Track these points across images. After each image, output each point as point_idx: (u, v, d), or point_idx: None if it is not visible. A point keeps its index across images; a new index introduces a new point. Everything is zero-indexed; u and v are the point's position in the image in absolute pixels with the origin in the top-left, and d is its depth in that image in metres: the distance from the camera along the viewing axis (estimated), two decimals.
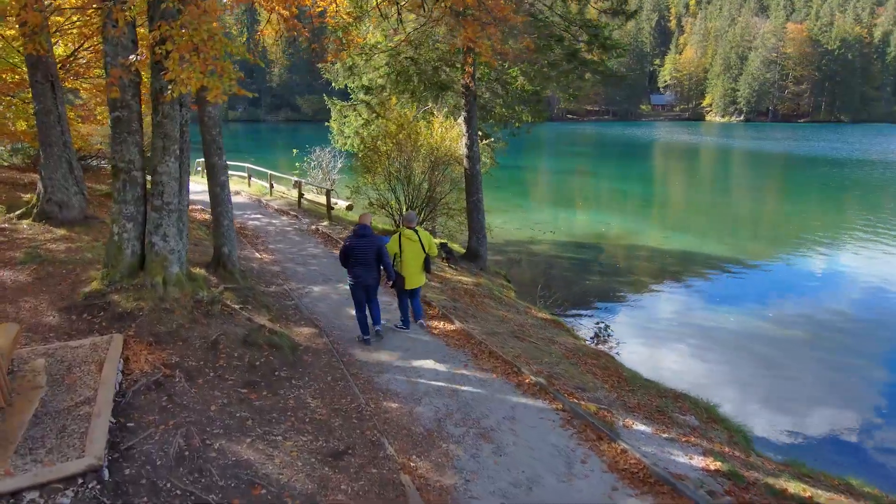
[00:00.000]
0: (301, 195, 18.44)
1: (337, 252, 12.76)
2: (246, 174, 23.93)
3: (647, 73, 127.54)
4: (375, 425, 5.78)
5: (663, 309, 13.33)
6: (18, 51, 11.91)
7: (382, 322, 8.18)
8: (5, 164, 17.44)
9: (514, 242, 18.92)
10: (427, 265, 8.19)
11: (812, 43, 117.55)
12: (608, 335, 11.35)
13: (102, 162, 19.66)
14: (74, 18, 12.25)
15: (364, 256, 7.50)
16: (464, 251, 14.21)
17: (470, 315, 9.47)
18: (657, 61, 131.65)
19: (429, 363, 7.30)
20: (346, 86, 17.65)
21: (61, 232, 9.61)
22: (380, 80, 12.63)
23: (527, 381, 6.80)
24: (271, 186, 21.21)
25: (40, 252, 8.48)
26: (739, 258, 17.56)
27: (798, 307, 13.34)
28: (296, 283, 10.50)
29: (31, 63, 9.53)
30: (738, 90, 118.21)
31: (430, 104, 15.47)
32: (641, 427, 6.25)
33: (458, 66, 11.61)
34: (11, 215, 10.03)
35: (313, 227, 15.43)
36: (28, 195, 12.37)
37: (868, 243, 19.37)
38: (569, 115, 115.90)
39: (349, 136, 17.66)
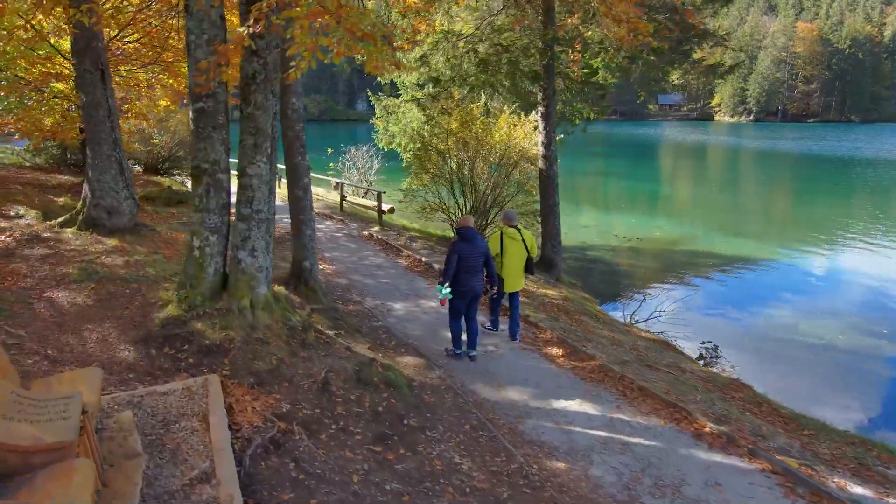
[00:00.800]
0: (343, 197, 17.24)
1: (402, 261, 11.60)
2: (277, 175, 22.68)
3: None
4: (553, 497, 4.56)
5: (758, 323, 12.12)
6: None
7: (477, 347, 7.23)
8: (27, 164, 16.20)
9: (569, 248, 17.70)
10: (529, 267, 7.59)
11: (822, 42, 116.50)
12: (717, 356, 10.13)
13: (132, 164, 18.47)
14: None
15: (473, 262, 6.71)
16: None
17: (582, 338, 8.26)
18: None
19: (573, 404, 6.08)
20: (391, 81, 16.43)
21: (112, 242, 8.38)
22: (450, 72, 11.39)
23: (706, 429, 5.58)
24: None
25: (96, 267, 7.26)
26: (820, 265, 16.37)
27: None
28: (372, 299, 9.28)
29: (78, 49, 8.31)
30: (748, 90, 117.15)
31: (494, 99, 14.26)
32: (859, 489, 5.05)
33: (554, 54, 10.35)
34: (53, 222, 8.81)
35: (365, 232, 14.21)
36: (62, 199, 11.16)
37: None
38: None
39: (395, 135, 16.43)
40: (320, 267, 10.86)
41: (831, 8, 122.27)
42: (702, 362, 9.78)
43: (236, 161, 6.25)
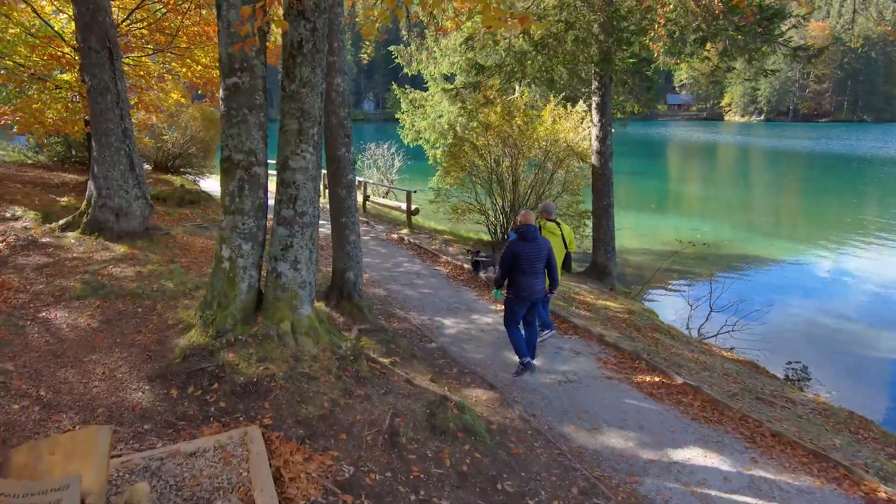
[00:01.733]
0: (367, 197, 16.06)
1: (440, 268, 10.42)
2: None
3: (662, 73, 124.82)
4: None
5: (832, 334, 10.89)
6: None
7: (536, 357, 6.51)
8: (30, 161, 15.09)
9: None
10: (567, 263, 7.24)
11: (834, 41, 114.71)
12: (807, 377, 8.91)
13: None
14: None
15: (534, 264, 5.95)
16: (582, 268, 11.78)
17: (668, 361, 7.04)
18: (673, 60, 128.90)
19: (696, 455, 4.86)
20: (418, 72, 15.25)
21: (121, 249, 7.22)
22: (502, 56, 10.15)
23: (879, 493, 4.36)
24: (325, 187, 18.80)
25: (102, 280, 6.10)
26: (876, 270, 15.11)
27: None
28: (417, 314, 8.09)
29: (83, 24, 7.15)
30: (759, 89, 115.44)
31: (532, 90, 13.07)
32: None
33: (618, 35, 9.11)
34: (53, 225, 7.66)
35: (394, 235, 13.03)
36: (65, 198, 10.03)
37: None
38: None
39: (421, 131, 15.26)
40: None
41: (843, 7, 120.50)
42: (797, 387, 8.56)
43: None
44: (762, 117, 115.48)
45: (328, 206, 7.05)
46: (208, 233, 9.87)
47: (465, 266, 10.31)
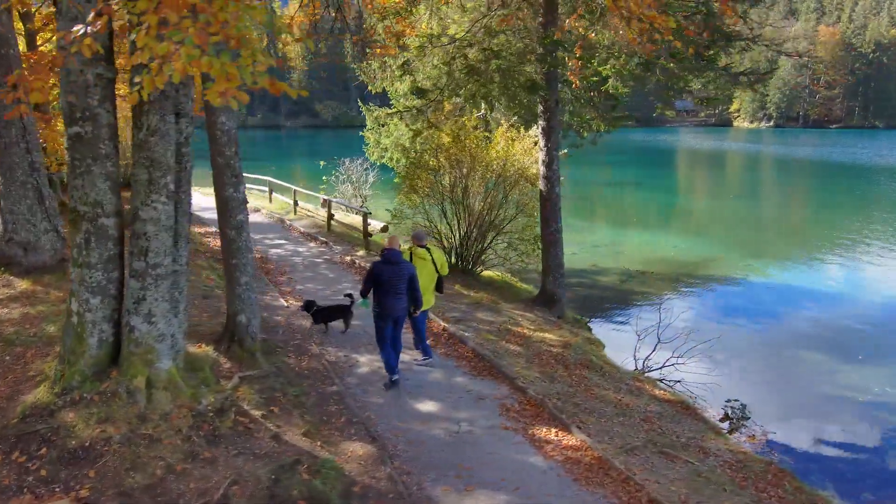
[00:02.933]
0: (331, 216, 15.91)
1: None
2: (267, 188, 21.48)
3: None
4: None
5: (791, 370, 10.52)
6: None
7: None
8: None
9: (577, 272, 16.18)
10: (440, 286, 7.65)
11: (845, 46, 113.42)
12: (744, 416, 8.57)
13: None
14: None
15: (396, 285, 6.54)
16: (535, 293, 11.51)
17: (581, 406, 6.76)
18: None
19: None
20: (384, 90, 15.09)
21: (23, 285, 7.10)
22: (437, 81, 9.98)
23: None
24: (295, 204, 18.70)
25: None
26: (865, 295, 14.68)
27: None
28: (336, 349, 7.88)
29: None
30: (768, 95, 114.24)
31: (486, 111, 12.85)
32: None
33: (557, 60, 8.88)
34: None
35: (348, 258, 12.84)
36: None
37: None
38: None
39: (387, 149, 15.08)
40: (286, 304, 9.52)
41: (854, 11, 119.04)
42: (726, 424, 8.24)
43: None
44: (771, 123, 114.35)
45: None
46: None
47: None
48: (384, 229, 15.18)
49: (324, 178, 19.78)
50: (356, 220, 17.46)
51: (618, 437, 6.09)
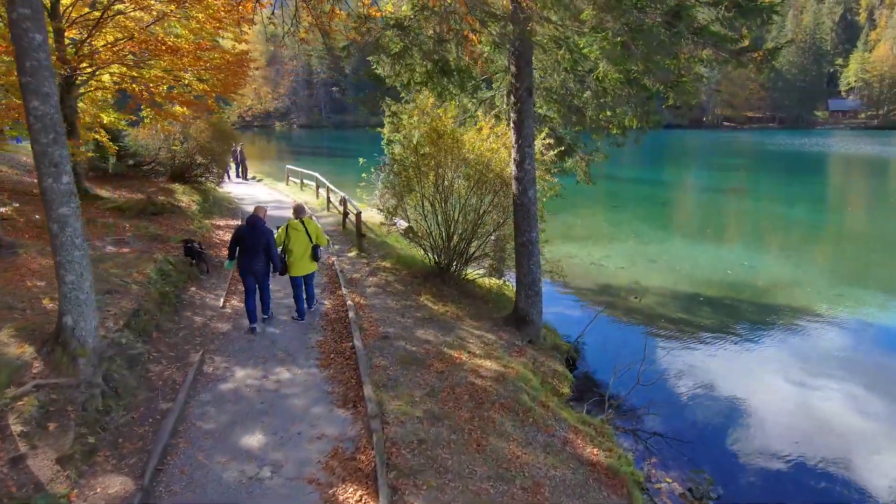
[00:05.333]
0: (345, 214, 15.38)
1: (328, 302, 9.34)
2: (314, 184, 21.60)
3: (825, 75, 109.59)
4: None
5: (816, 441, 8.08)
6: None
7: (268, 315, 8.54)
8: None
9: (611, 289, 14.16)
10: (315, 254, 8.50)
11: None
12: (708, 497, 6.57)
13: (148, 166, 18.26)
14: None
15: (252, 246, 7.80)
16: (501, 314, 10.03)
17: (437, 462, 5.42)
18: (839, 61, 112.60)
19: None
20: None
21: None
22: (391, 65, 8.91)
23: None
24: (328, 201, 18.50)
25: None
26: None
27: None
28: (221, 357, 7.20)
29: None
30: None
31: (466, 101, 11.57)
32: None
33: (525, 27, 7.36)
34: None
35: (334, 258, 12.18)
36: None
37: None
38: (725, 123, 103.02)
39: (395, 144, 14.22)
40: (222, 304, 9.03)
41: None
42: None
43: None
44: None
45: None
46: (109, 249, 9.80)
47: (354, 301, 9.18)
48: (409, 230, 14.41)
49: (363, 175, 19.33)
50: (377, 217, 16.82)
51: None
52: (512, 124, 8.99)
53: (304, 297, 8.64)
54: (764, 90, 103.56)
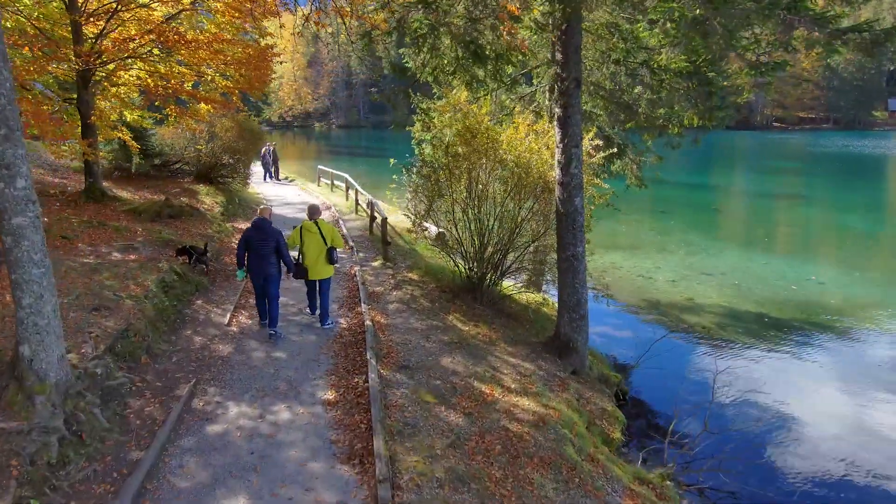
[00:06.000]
0: (373, 218, 14.39)
1: (344, 321, 8.29)
2: (344, 185, 20.75)
3: (884, 73, 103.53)
4: None
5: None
6: None
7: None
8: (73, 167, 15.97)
9: (662, 306, 12.73)
10: (330, 257, 8.00)
11: None
12: None
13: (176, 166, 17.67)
14: None
15: (261, 248, 7.44)
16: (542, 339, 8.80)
17: None
18: None
19: None
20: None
21: None
22: (415, 53, 7.81)
23: None
24: (357, 203, 17.57)
25: None
26: None
27: None
28: (216, 387, 6.24)
29: None
30: None
31: (504, 97, 10.42)
32: None
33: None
34: None
35: (357, 268, 11.16)
36: None
37: None
38: (775, 123, 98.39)
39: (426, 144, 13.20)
40: (226, 321, 8.11)
41: None
42: None
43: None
44: None
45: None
46: (114, 257, 9.03)
47: (372, 321, 8.12)
48: (440, 236, 13.40)
49: (393, 176, 18.32)
50: (406, 222, 15.77)
51: None
52: (556, 121, 7.77)
53: (318, 304, 8.26)
54: (818, 89, 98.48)
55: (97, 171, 12.98)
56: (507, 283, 10.63)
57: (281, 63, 14.68)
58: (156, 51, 12.59)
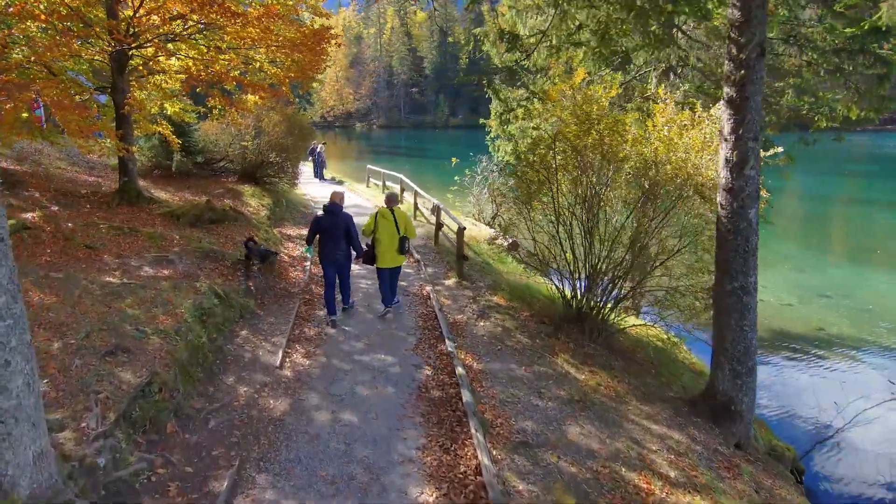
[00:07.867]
0: (440, 225, 12.48)
1: (426, 364, 6.42)
2: (399, 187, 18.94)
3: None
4: None
5: None
6: None
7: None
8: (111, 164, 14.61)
9: (790, 337, 10.43)
10: (402, 247, 7.75)
11: None
12: None
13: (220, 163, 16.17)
14: None
15: (332, 233, 7.43)
16: (702, 385, 6.70)
17: None
18: None
19: None
20: (516, 62, 11.17)
21: None
22: (539, 16, 5.86)
23: None
24: (416, 207, 15.71)
25: None
26: None
27: None
28: (266, 475, 4.41)
29: None
30: None
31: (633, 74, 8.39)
32: None
33: None
34: None
35: (428, 288, 9.27)
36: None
37: None
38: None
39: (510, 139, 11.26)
40: (277, 364, 6.32)
41: None
42: None
43: None
44: None
45: None
46: (146, 272, 7.37)
47: (464, 369, 6.20)
48: (513, 245, 11.56)
49: (456, 178, 16.43)
50: (479, 232, 13.83)
51: None
52: (725, 105, 5.68)
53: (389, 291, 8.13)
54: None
55: (133, 168, 11.46)
56: (623, 315, 8.55)
57: (339, 46, 12.88)
58: (199, 36, 11.01)
